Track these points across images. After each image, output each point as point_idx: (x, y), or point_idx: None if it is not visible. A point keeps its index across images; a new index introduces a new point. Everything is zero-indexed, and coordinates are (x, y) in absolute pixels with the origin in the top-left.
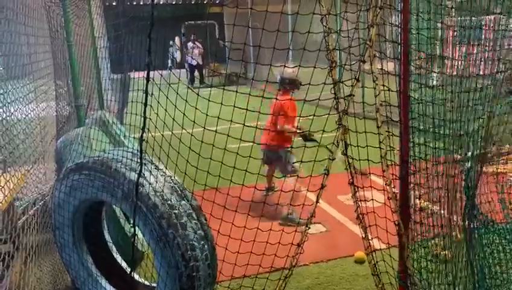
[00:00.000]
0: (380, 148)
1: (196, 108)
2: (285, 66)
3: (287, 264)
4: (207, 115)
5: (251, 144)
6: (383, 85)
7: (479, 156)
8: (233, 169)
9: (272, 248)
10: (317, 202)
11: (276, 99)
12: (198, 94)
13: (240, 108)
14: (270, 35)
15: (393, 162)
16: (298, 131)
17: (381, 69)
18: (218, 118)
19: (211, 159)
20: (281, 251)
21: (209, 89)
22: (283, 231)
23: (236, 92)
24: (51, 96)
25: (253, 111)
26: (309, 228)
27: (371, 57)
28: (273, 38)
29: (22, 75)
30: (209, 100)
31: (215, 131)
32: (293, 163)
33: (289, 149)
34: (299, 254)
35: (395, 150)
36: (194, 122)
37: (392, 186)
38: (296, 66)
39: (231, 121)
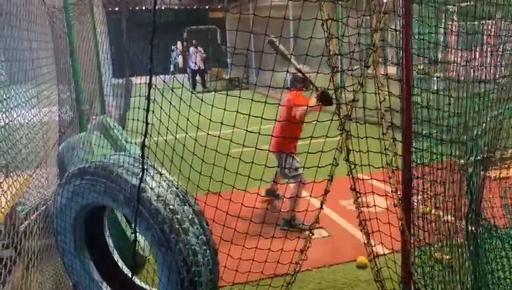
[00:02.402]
0: (386, 154)
1: (199, 113)
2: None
3: (289, 270)
4: (210, 120)
5: (254, 148)
6: (388, 92)
7: (482, 161)
8: (236, 174)
9: (274, 253)
10: (321, 207)
11: (278, 104)
12: (202, 99)
13: (243, 113)
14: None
15: (396, 168)
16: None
17: (385, 74)
18: (222, 123)
19: (213, 164)
20: (283, 257)
21: (211, 93)
22: (286, 237)
23: (239, 97)
24: (54, 101)
25: (256, 116)
26: (313, 234)
27: (375, 62)
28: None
29: (24, 80)
30: (212, 105)
31: (218, 136)
32: (296, 168)
33: (292, 154)
34: (302, 261)
35: (397, 155)
36: (197, 127)
37: (398, 193)
38: (310, 72)
39: (234, 126)
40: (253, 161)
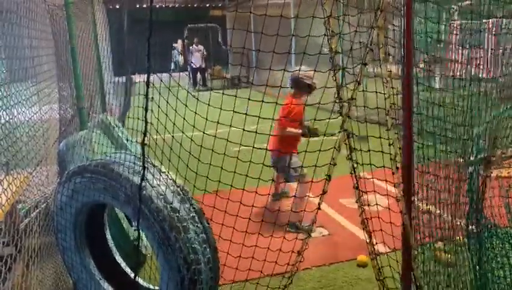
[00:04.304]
0: (385, 152)
1: (197, 113)
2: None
3: (288, 269)
4: (207, 119)
5: (252, 147)
6: (392, 89)
7: (483, 160)
8: (234, 173)
9: (274, 252)
10: (318, 208)
11: (276, 103)
12: (198, 99)
13: (241, 113)
14: (272, 38)
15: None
16: (304, 132)
17: (390, 71)
18: (218, 122)
19: (210, 164)
20: (281, 256)
21: (212, 92)
22: (284, 237)
23: (236, 96)
24: (54, 99)
25: (254, 116)
26: (310, 236)
27: (381, 60)
28: (274, 42)
29: (25, 78)
30: (208, 105)
31: (215, 135)
32: (298, 168)
33: (294, 154)
34: (299, 262)
35: (399, 152)
36: (193, 126)
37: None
38: (311, 70)
39: (230, 125)
40: (251, 159)
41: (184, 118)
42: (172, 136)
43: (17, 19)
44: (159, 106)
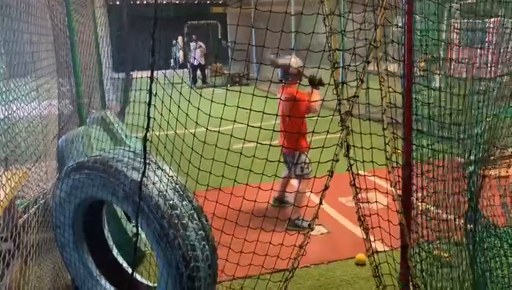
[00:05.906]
0: (386, 151)
1: (199, 108)
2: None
3: (289, 266)
4: (209, 115)
5: (255, 144)
6: (389, 87)
7: (482, 160)
8: (237, 169)
9: (274, 248)
10: (320, 203)
11: (280, 99)
12: (200, 95)
13: (244, 108)
14: (273, 36)
15: (397, 164)
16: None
17: (386, 70)
18: (221, 118)
19: (213, 159)
20: (283, 251)
21: (212, 89)
22: (286, 232)
23: (240, 92)
24: (53, 95)
25: (257, 111)
26: (312, 229)
27: (378, 58)
28: (276, 39)
29: (24, 74)
30: (211, 100)
31: (218, 131)
32: (304, 167)
33: (304, 152)
34: (301, 256)
35: (398, 151)
36: (196, 122)
37: (398, 188)
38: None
39: (234, 121)
40: (255, 155)
41: (187, 114)
42: (175, 132)
43: (17, 14)
44: (162, 101)
